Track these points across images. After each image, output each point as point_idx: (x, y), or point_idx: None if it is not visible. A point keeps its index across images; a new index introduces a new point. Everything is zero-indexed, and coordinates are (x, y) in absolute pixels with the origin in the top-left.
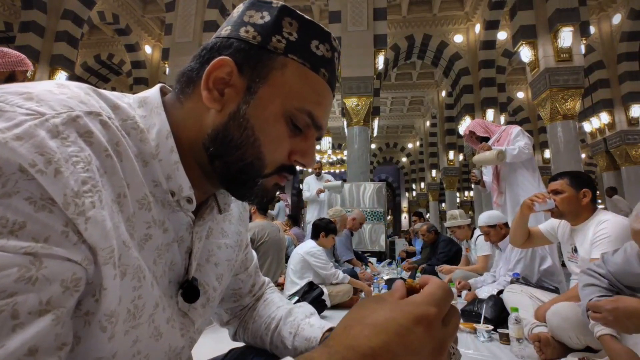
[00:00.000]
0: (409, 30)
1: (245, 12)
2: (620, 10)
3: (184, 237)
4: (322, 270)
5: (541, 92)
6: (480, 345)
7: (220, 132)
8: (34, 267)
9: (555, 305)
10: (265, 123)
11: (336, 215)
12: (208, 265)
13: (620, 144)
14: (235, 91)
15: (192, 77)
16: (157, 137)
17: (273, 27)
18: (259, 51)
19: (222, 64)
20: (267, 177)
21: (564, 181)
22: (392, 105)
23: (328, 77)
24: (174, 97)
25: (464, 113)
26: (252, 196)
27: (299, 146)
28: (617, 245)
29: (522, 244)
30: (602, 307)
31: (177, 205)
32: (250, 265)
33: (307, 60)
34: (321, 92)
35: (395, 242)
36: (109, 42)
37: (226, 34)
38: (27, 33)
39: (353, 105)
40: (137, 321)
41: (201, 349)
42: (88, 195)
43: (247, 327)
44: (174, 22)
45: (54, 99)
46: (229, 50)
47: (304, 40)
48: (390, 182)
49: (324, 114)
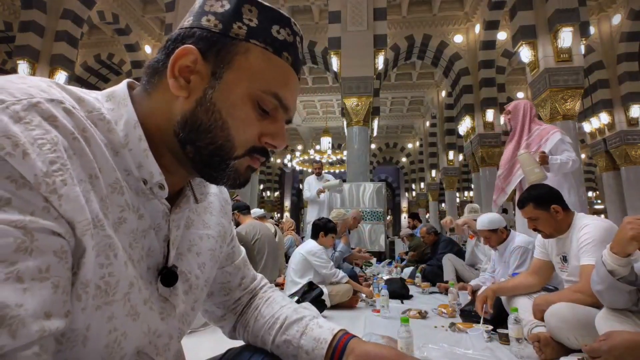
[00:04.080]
0: (409, 30)
1: (206, 2)
2: (620, 11)
3: (161, 225)
4: (322, 269)
5: (541, 93)
6: (480, 345)
7: (189, 117)
8: (27, 239)
9: (553, 306)
10: (232, 106)
11: (338, 218)
12: (189, 254)
13: (619, 144)
14: (200, 77)
15: (157, 67)
16: (125, 128)
17: (233, 15)
18: (221, 38)
19: (186, 52)
20: (239, 158)
21: (530, 208)
22: (392, 105)
23: (292, 61)
24: (141, 89)
25: (464, 113)
26: (224, 178)
27: (268, 128)
28: (601, 248)
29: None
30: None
31: (150, 193)
32: (238, 258)
33: (270, 45)
34: (286, 74)
35: (395, 242)
36: (108, 42)
37: (188, 24)
38: (27, 33)
39: (353, 105)
40: (110, 298)
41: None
42: (58, 174)
43: (248, 325)
44: (174, 22)
45: (13, 87)
46: (192, 39)
47: (264, 26)
48: (390, 182)
49: (290, 95)
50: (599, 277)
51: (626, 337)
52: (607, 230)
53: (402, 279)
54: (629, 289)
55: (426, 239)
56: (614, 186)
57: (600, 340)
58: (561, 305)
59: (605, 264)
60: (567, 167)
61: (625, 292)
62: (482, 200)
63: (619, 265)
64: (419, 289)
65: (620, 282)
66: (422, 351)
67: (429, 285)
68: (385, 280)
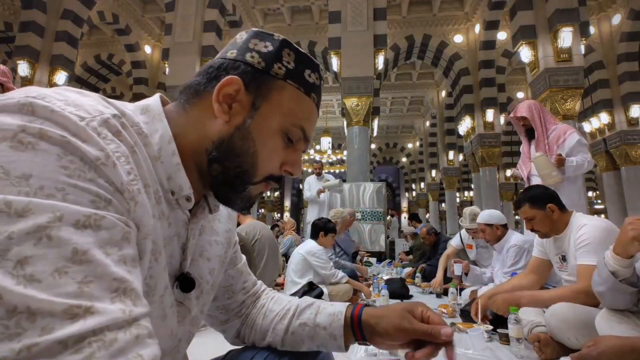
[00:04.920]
0: (409, 30)
1: (250, 40)
2: (620, 11)
3: (181, 233)
4: (321, 270)
5: (541, 92)
6: (480, 345)
7: (226, 140)
8: (128, 230)
9: (553, 306)
10: (265, 136)
11: (337, 217)
12: (201, 260)
13: (619, 144)
14: (241, 106)
15: (199, 90)
16: (159, 142)
17: (275, 56)
18: (263, 75)
19: (231, 82)
20: (256, 185)
21: (526, 207)
22: (392, 105)
23: (316, 100)
24: (177, 106)
25: (464, 113)
26: (237, 200)
27: (289, 157)
28: (599, 248)
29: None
30: (588, 355)
31: (176, 204)
32: (240, 263)
33: (302, 86)
34: (311, 111)
35: (395, 242)
36: (108, 42)
37: (232, 57)
38: (27, 33)
39: (353, 105)
40: (150, 298)
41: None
42: (134, 184)
43: (256, 323)
44: (174, 22)
45: (85, 103)
46: (237, 70)
47: (299, 69)
48: (390, 182)
49: (312, 129)
50: (601, 278)
51: (614, 343)
52: (604, 230)
53: (402, 279)
54: (631, 290)
55: (426, 240)
56: (614, 186)
57: (588, 346)
58: (561, 305)
59: (608, 265)
60: (583, 168)
61: (627, 294)
62: (482, 200)
63: (621, 266)
64: (419, 289)
65: (623, 284)
66: None
67: (429, 285)
68: (385, 280)
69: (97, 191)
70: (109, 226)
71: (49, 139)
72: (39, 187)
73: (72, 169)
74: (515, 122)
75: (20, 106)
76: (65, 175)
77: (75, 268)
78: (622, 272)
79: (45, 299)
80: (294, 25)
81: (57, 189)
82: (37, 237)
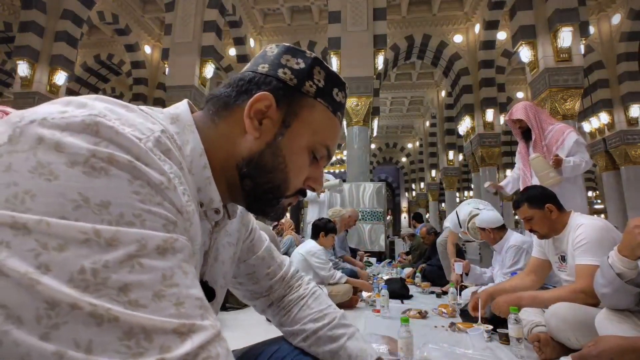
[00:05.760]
0: (409, 30)
1: (283, 56)
2: (620, 11)
3: (205, 242)
4: (320, 270)
5: (541, 92)
6: (480, 345)
7: (257, 157)
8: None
9: (553, 306)
10: (294, 153)
11: (335, 216)
12: (216, 264)
13: (619, 144)
14: (272, 123)
15: (229, 102)
16: (191, 154)
17: (307, 74)
18: (295, 92)
19: (263, 98)
20: (288, 198)
21: (524, 207)
22: (392, 105)
23: (341, 119)
24: (206, 117)
25: (464, 113)
26: (272, 213)
27: (313, 173)
28: (597, 248)
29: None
30: (588, 354)
31: (203, 215)
32: (260, 250)
33: (330, 105)
34: (337, 130)
35: (395, 242)
36: (108, 42)
37: (264, 71)
38: (27, 33)
39: (353, 105)
40: None
41: None
42: (189, 204)
43: (291, 312)
44: (174, 22)
45: (136, 122)
46: (269, 86)
47: (329, 88)
48: (390, 182)
49: (335, 147)
50: (606, 280)
51: (615, 342)
52: (602, 229)
53: (402, 279)
54: (636, 291)
55: (426, 240)
56: (613, 186)
57: (589, 346)
58: (561, 305)
59: (614, 267)
60: (580, 168)
61: (631, 294)
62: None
63: (628, 268)
64: (419, 289)
65: (629, 285)
66: (422, 351)
67: (429, 285)
68: (385, 280)
69: (167, 215)
70: (181, 248)
71: (118, 164)
72: (119, 215)
73: (143, 194)
74: (512, 125)
75: (85, 126)
76: (138, 201)
77: (168, 291)
78: (628, 274)
79: (158, 319)
80: (293, 25)
81: (134, 216)
82: (130, 265)
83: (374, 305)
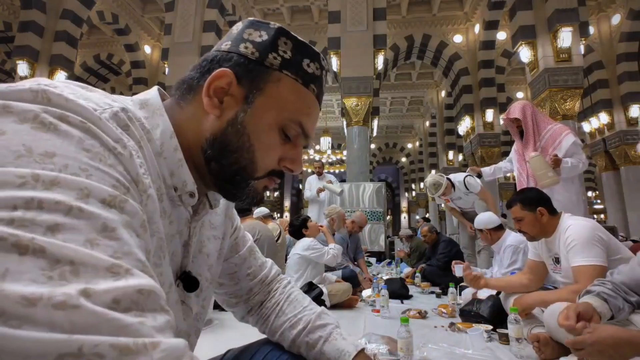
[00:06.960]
0: (409, 30)
1: (245, 30)
2: (620, 11)
3: (183, 231)
4: (321, 258)
5: (540, 92)
6: (480, 345)
7: (219, 136)
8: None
9: (551, 306)
10: (260, 131)
11: (332, 214)
12: (200, 256)
13: (619, 144)
14: (234, 100)
15: (192, 85)
16: (161, 137)
17: (270, 45)
18: (256, 66)
19: (222, 75)
20: (259, 179)
21: (517, 208)
22: (392, 105)
23: (317, 92)
24: (173, 102)
25: (464, 113)
26: (243, 196)
27: (288, 153)
28: (588, 247)
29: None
30: (585, 341)
31: (178, 200)
32: (243, 249)
33: (299, 76)
34: (311, 104)
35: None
36: (108, 42)
37: (226, 49)
38: (27, 33)
39: (352, 105)
40: None
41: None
42: (145, 177)
43: (269, 320)
44: (174, 22)
45: (93, 97)
46: (229, 63)
47: (297, 59)
48: (390, 182)
49: (312, 124)
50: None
51: (612, 332)
52: (589, 228)
53: (401, 279)
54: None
55: (428, 238)
56: (613, 186)
57: (586, 332)
58: (559, 305)
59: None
60: (577, 169)
61: (625, 312)
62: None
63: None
64: (419, 289)
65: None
66: (422, 351)
67: (429, 285)
68: (385, 280)
69: (118, 177)
70: (131, 211)
71: (70, 123)
72: (64, 165)
73: (93, 152)
74: (509, 124)
75: (35, 93)
76: (87, 157)
77: (105, 242)
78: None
79: (90, 254)
80: (293, 25)
81: (80, 169)
82: (68, 207)
83: (373, 305)
